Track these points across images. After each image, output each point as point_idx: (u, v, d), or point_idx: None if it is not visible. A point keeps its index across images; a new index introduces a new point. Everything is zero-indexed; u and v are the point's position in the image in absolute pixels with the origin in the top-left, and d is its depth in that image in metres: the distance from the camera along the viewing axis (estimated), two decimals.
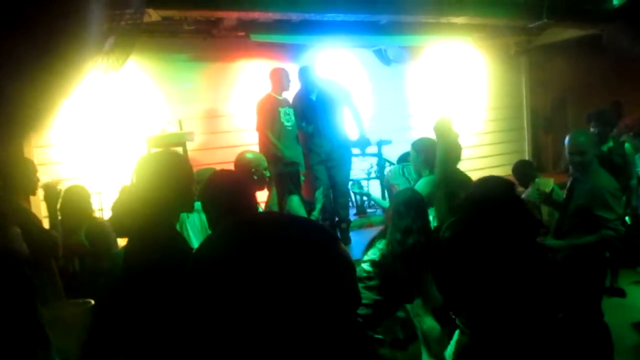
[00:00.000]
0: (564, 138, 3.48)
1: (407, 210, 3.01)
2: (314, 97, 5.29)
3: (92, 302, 2.75)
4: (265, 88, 5.36)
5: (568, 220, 3.37)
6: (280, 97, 5.26)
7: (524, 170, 4.73)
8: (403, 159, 4.95)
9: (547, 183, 3.69)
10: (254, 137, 5.37)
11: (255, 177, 3.14)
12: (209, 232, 2.01)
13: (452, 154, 3.17)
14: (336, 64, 6.85)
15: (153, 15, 4.31)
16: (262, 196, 3.85)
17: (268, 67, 6.12)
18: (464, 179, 3.42)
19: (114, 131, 5.76)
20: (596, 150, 3.45)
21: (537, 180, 3.80)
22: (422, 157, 3.78)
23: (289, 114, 5.23)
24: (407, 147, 6.21)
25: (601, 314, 3.35)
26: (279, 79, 5.24)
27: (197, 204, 2.03)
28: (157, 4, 4.29)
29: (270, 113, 5.13)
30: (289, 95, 5.42)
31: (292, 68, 5.64)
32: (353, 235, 5.43)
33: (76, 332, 2.52)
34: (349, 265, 0.79)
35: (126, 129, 5.79)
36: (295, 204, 3.44)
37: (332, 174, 5.32)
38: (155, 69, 5.95)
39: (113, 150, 5.76)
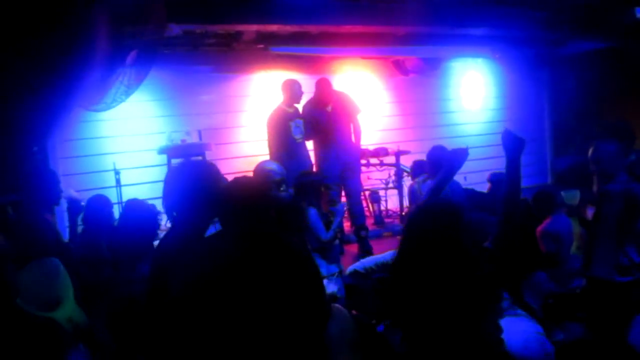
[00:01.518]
0: (586, 150, 3.44)
1: None
2: (329, 109, 5.31)
3: None
4: (279, 100, 5.39)
5: (602, 233, 3.31)
6: (290, 110, 5.28)
7: (544, 204, 4.52)
8: (418, 167, 4.92)
9: (574, 196, 3.63)
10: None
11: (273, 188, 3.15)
12: None
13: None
14: (354, 75, 6.88)
15: (175, 29, 4.40)
16: None
17: (288, 77, 6.19)
18: None
19: (135, 142, 5.87)
20: (615, 162, 3.36)
21: (562, 193, 3.73)
22: None
23: (299, 126, 5.27)
24: (423, 157, 6.19)
25: (624, 335, 3.27)
26: (291, 91, 5.27)
27: None
28: (179, 19, 4.38)
29: (281, 128, 5.17)
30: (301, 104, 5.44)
31: (310, 79, 5.68)
32: (373, 244, 5.41)
33: None
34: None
35: (147, 139, 5.89)
36: (313, 218, 3.43)
37: (347, 184, 5.36)
38: (175, 81, 6.05)
39: (134, 161, 5.87)
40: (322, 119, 5.27)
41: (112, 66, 3.84)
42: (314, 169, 5.29)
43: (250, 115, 6.44)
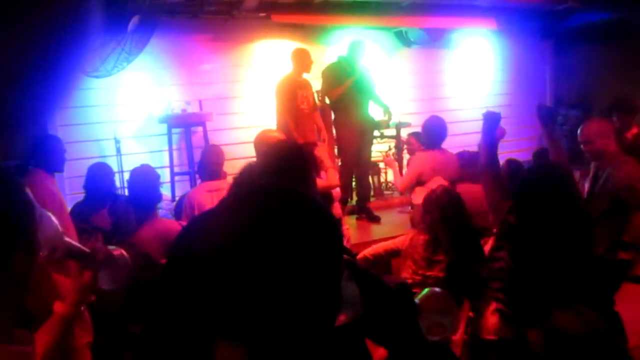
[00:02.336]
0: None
1: None
2: (355, 73, 5.22)
3: None
4: (284, 69, 5.34)
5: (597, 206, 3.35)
6: (300, 79, 5.24)
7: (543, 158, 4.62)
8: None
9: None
10: (273, 117, 5.39)
11: None
12: None
13: None
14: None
15: None
16: None
17: (289, 48, 6.09)
18: None
19: (135, 111, 5.84)
20: (604, 139, 3.38)
21: None
22: None
23: (306, 97, 5.23)
24: None
25: (611, 303, 3.33)
26: (301, 60, 5.21)
27: None
28: None
29: (288, 95, 5.14)
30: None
31: (313, 49, 5.61)
32: None
33: None
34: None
35: (147, 108, 5.85)
36: None
37: (361, 154, 5.37)
38: (176, 50, 5.98)
39: (134, 130, 5.84)
40: (348, 78, 5.19)
41: (113, 31, 3.79)
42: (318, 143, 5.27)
43: (252, 85, 6.39)
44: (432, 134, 4.07)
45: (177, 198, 5.24)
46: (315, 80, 5.45)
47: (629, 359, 1.51)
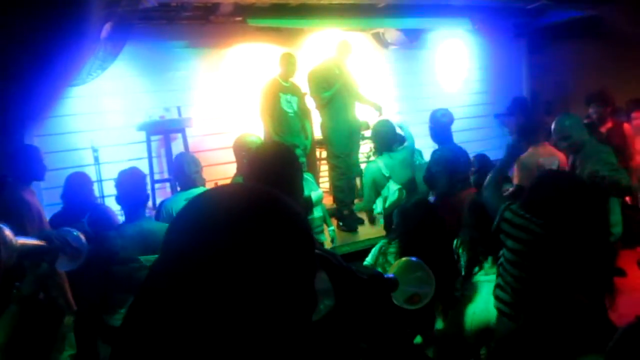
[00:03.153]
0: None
1: None
2: (344, 75, 5.19)
3: None
4: (264, 72, 5.33)
5: None
6: (285, 83, 5.21)
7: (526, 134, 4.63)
8: None
9: (552, 162, 3.69)
10: (253, 121, 5.37)
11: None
12: None
13: None
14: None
15: (150, 1, 4.28)
16: None
17: (266, 52, 6.10)
18: None
19: (113, 119, 5.75)
20: (582, 133, 3.45)
21: (540, 160, 3.78)
22: None
23: (290, 102, 5.21)
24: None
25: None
26: (285, 65, 5.20)
27: None
28: None
29: (271, 98, 5.11)
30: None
31: (290, 52, 5.59)
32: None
33: None
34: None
35: (125, 116, 5.78)
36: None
37: (350, 155, 5.31)
38: (153, 56, 5.92)
39: (112, 138, 5.76)
40: (334, 80, 5.12)
41: (86, 39, 3.73)
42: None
43: (230, 90, 6.35)
44: (383, 138, 4.06)
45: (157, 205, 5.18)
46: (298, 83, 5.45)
47: None
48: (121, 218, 3.11)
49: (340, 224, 5.18)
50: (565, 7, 6.63)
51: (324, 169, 6.46)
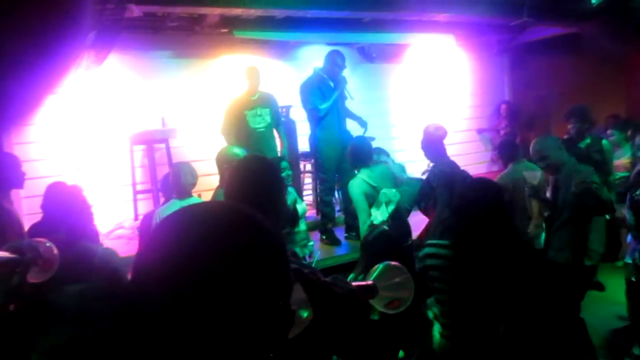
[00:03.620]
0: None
1: None
2: (332, 84, 5.08)
3: None
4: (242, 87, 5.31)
5: (560, 214, 3.46)
6: (253, 97, 5.17)
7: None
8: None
9: (535, 176, 3.74)
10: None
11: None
12: None
13: None
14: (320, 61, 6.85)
15: (135, 10, 4.27)
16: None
17: (252, 64, 6.10)
18: None
19: (95, 128, 5.70)
20: (560, 154, 3.52)
21: (524, 173, 3.84)
22: None
23: (261, 115, 5.14)
24: (391, 144, 6.26)
25: (578, 309, 3.42)
26: (250, 79, 5.15)
27: None
28: None
29: (233, 118, 5.07)
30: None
31: (276, 65, 5.63)
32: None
33: None
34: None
35: (108, 125, 5.73)
36: None
37: (341, 167, 5.05)
38: (137, 65, 5.89)
39: (95, 147, 5.70)
40: (327, 91, 5.02)
41: (70, 47, 3.71)
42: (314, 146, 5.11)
43: (215, 101, 6.34)
44: (360, 154, 4.02)
45: (140, 216, 5.12)
46: (282, 96, 5.47)
47: None
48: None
49: (324, 237, 5.16)
50: (547, 24, 6.77)
51: (307, 182, 6.47)
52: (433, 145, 3.94)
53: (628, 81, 6.95)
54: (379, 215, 3.58)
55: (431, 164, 4.06)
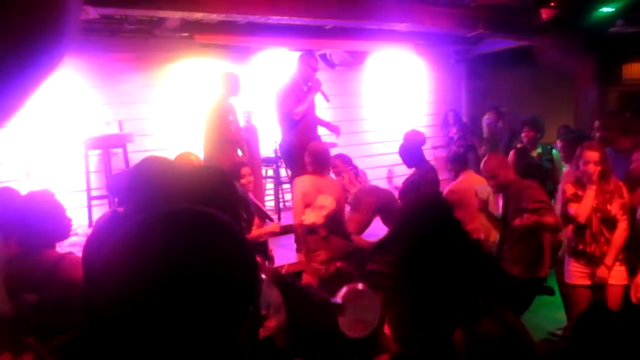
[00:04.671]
0: (500, 144, 3.71)
1: None
2: (305, 88, 5.02)
3: None
4: (208, 89, 5.27)
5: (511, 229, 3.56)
6: (228, 103, 5.14)
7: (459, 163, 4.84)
8: None
9: (485, 190, 3.84)
10: (197, 137, 5.28)
11: None
12: None
13: None
14: (281, 67, 6.86)
15: (91, 12, 4.16)
16: None
17: (213, 68, 6.05)
18: None
19: (48, 132, 5.52)
20: (507, 173, 3.63)
21: (476, 187, 3.94)
22: None
23: (236, 121, 5.16)
24: (352, 151, 6.30)
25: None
26: (233, 84, 5.11)
27: None
28: (95, 0, 4.14)
29: (226, 120, 5.00)
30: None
31: (237, 69, 5.58)
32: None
33: None
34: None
35: (62, 130, 5.55)
36: None
37: None
38: (94, 69, 5.74)
39: (48, 152, 5.52)
40: (303, 100, 4.95)
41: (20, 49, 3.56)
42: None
43: (175, 106, 6.25)
44: (319, 157, 4.03)
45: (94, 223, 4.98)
46: (243, 101, 5.43)
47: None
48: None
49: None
50: (501, 36, 7.00)
51: (269, 187, 6.45)
52: (413, 150, 4.05)
53: (577, 93, 7.27)
54: (312, 217, 3.61)
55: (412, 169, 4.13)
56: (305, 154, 4.45)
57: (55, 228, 2.72)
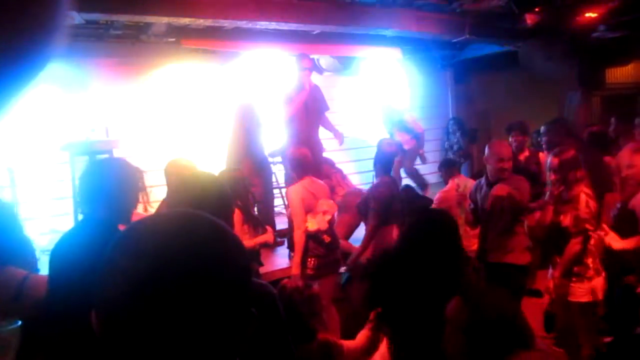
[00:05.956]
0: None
1: None
2: (297, 89, 4.96)
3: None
4: (197, 93, 5.24)
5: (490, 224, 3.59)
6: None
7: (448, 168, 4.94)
8: None
9: (466, 184, 3.90)
10: (185, 143, 5.26)
11: None
12: None
13: None
14: (269, 72, 6.87)
15: (76, 17, 4.12)
16: None
17: (200, 72, 6.02)
18: None
19: (33, 138, 5.44)
20: (509, 163, 3.69)
21: (456, 180, 4.00)
22: None
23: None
24: (339, 156, 6.31)
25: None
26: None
27: None
28: (80, 6, 4.10)
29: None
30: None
31: (224, 74, 5.59)
32: None
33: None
34: None
35: (48, 136, 5.48)
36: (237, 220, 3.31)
37: None
38: (79, 74, 5.68)
39: (32, 159, 5.44)
40: (300, 105, 4.92)
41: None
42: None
43: (162, 111, 6.21)
44: (300, 164, 4.03)
45: None
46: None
47: None
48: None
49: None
50: (486, 42, 7.08)
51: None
52: (383, 160, 4.06)
53: (561, 97, 7.37)
54: (315, 222, 3.61)
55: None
56: (286, 162, 4.51)
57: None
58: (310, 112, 5.04)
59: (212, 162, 5.38)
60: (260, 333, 0.80)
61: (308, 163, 3.99)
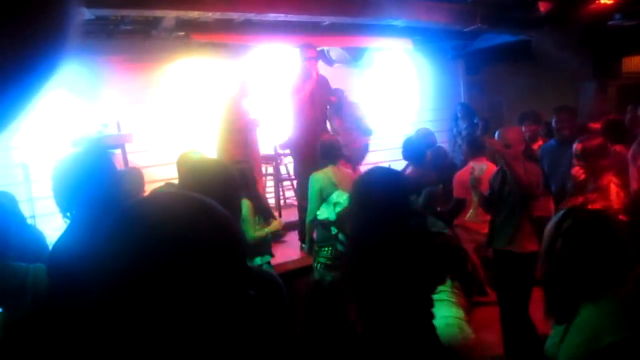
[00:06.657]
0: None
1: None
2: (309, 78, 4.87)
3: None
4: (208, 87, 5.25)
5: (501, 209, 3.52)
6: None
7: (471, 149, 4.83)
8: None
9: (480, 168, 3.83)
10: (197, 136, 5.27)
11: None
12: None
13: None
14: (279, 64, 6.84)
15: (86, 14, 4.14)
16: None
17: (210, 67, 6.02)
18: None
19: (47, 134, 5.49)
20: (522, 145, 3.63)
21: (473, 164, 3.94)
22: None
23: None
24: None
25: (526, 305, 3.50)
26: (244, 87, 5.13)
27: None
28: (90, 1, 4.12)
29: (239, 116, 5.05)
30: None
31: (235, 67, 5.59)
32: None
33: None
34: None
35: (60, 131, 5.53)
36: (245, 211, 3.30)
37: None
38: (91, 70, 5.70)
39: (45, 155, 5.49)
40: (307, 94, 4.85)
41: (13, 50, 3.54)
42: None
43: (173, 105, 6.22)
44: (329, 150, 4.04)
45: None
46: None
47: None
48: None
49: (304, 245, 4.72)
50: (499, 31, 6.98)
51: (269, 184, 6.43)
52: (415, 149, 4.15)
53: (576, 87, 7.25)
54: (326, 212, 3.60)
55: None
56: (308, 149, 4.51)
57: None
58: (316, 102, 4.95)
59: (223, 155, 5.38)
60: (261, 318, 0.80)
61: (336, 150, 4.00)
